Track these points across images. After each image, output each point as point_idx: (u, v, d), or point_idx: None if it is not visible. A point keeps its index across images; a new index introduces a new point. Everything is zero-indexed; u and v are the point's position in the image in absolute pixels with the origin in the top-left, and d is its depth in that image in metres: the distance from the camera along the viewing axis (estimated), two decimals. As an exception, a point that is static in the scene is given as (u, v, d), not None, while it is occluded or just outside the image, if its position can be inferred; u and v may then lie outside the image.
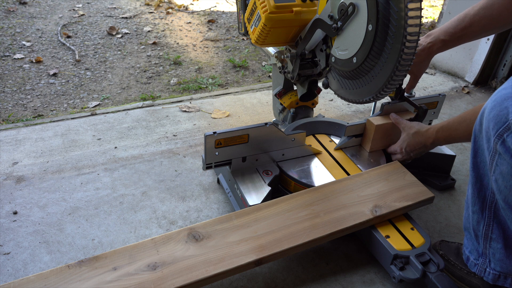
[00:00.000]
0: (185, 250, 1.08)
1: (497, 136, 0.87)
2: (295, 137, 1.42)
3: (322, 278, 1.21)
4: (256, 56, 2.93)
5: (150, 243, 1.10)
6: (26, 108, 2.20)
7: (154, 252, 1.08)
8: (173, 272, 1.02)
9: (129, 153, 1.73)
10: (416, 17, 1.03)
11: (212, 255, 1.07)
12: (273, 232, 1.14)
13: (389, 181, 1.31)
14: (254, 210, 1.21)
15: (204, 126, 1.94)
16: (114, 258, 1.06)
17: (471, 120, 1.08)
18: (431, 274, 1.10)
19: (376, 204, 1.23)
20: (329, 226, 1.16)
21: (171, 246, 1.09)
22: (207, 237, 1.12)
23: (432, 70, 2.66)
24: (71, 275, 1.01)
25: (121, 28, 3.23)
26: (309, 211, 1.21)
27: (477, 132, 0.97)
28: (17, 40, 2.92)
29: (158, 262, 1.05)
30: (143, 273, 1.02)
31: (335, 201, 1.24)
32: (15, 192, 1.48)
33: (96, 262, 1.04)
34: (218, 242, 1.11)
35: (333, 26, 1.24)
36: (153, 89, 2.44)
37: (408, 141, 1.35)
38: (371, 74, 1.19)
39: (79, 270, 1.03)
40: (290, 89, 1.68)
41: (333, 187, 1.30)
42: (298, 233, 1.14)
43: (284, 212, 1.20)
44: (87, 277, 1.01)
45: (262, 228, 1.15)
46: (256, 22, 1.42)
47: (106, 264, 1.04)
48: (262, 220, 1.17)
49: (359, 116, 2.10)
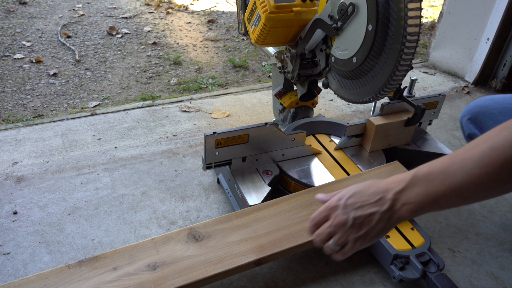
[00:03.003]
0: (185, 250, 1.08)
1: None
2: (295, 137, 1.42)
3: (322, 278, 1.21)
4: (256, 56, 2.93)
5: (150, 243, 1.10)
6: (26, 108, 2.20)
7: (154, 252, 1.08)
8: (173, 272, 1.02)
9: (129, 153, 1.73)
10: (416, 17, 1.03)
11: (212, 255, 1.07)
12: (273, 232, 1.14)
13: None
14: (254, 210, 1.20)
15: (204, 126, 1.94)
16: (114, 258, 1.06)
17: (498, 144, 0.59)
18: (431, 274, 1.10)
19: None
20: None
21: (171, 246, 1.09)
22: (207, 237, 1.12)
23: (432, 70, 2.66)
24: (71, 275, 1.01)
25: (121, 28, 3.23)
26: (309, 211, 1.20)
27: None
28: (17, 40, 2.92)
29: (158, 262, 1.05)
30: (143, 273, 1.02)
31: None
32: (15, 192, 1.48)
33: (96, 262, 1.04)
34: (218, 242, 1.11)
35: (333, 26, 1.24)
36: (153, 89, 2.44)
37: (355, 190, 0.76)
38: (371, 74, 1.19)
39: (79, 270, 1.03)
40: (290, 89, 1.68)
41: (333, 187, 1.30)
42: (298, 233, 1.13)
43: (284, 212, 1.20)
44: (87, 277, 1.01)
45: (262, 228, 1.15)
46: (256, 22, 1.43)
47: (106, 264, 1.04)
48: (262, 220, 1.17)
49: (359, 116, 2.09)
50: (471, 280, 1.23)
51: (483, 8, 2.30)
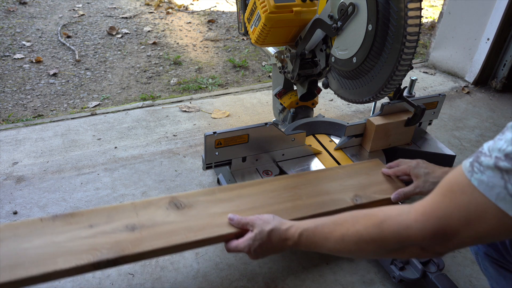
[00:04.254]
0: (166, 216, 1.07)
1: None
2: (295, 137, 1.42)
3: (322, 278, 1.21)
4: (256, 56, 2.93)
5: (130, 206, 1.08)
6: (26, 108, 2.20)
7: (133, 215, 1.06)
8: (152, 235, 1.01)
9: (129, 153, 1.73)
10: (416, 17, 1.03)
11: (193, 223, 1.06)
12: (256, 208, 1.13)
13: (370, 176, 1.32)
14: (238, 187, 1.21)
15: (204, 126, 1.94)
16: (91, 216, 1.04)
17: (348, 234, 0.81)
18: (431, 274, 1.10)
19: (356, 194, 1.24)
20: (310, 209, 1.16)
21: (152, 211, 1.08)
22: (189, 207, 1.11)
23: (432, 70, 2.66)
24: (44, 228, 0.99)
25: (121, 28, 3.23)
26: (292, 193, 1.21)
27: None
28: (17, 40, 2.93)
29: (137, 224, 1.03)
30: (121, 233, 1.00)
31: (318, 187, 1.25)
32: (15, 192, 1.48)
33: (72, 218, 1.02)
34: (200, 212, 1.10)
35: (333, 26, 1.24)
36: (153, 89, 2.44)
37: (261, 241, 0.97)
38: (371, 74, 1.19)
39: (53, 224, 1.00)
40: (290, 89, 1.68)
41: (317, 174, 1.32)
42: (279, 212, 1.12)
43: (267, 192, 1.20)
44: (60, 231, 0.99)
45: (245, 204, 1.14)
46: (256, 22, 1.43)
47: (82, 221, 1.02)
48: (246, 196, 1.17)
49: (359, 116, 2.10)
50: (471, 280, 1.23)
51: (483, 8, 2.30)
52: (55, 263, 0.90)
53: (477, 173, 0.59)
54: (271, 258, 1.26)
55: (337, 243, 0.83)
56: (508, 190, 0.55)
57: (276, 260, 1.26)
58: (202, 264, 1.24)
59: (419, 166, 1.18)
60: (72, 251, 0.94)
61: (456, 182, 0.63)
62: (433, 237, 0.66)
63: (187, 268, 1.22)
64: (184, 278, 1.19)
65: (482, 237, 0.63)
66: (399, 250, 0.74)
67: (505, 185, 0.55)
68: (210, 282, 1.18)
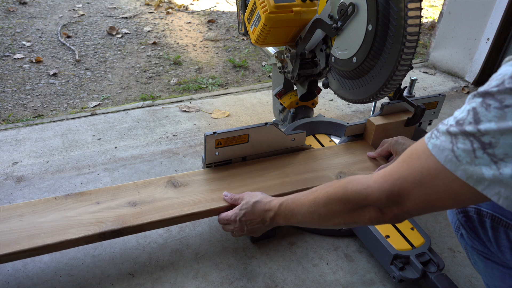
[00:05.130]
0: (164, 193, 1.22)
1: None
2: (295, 137, 1.42)
3: (322, 278, 1.21)
4: (256, 56, 2.93)
5: (132, 185, 1.24)
6: (26, 108, 2.20)
7: (135, 193, 1.21)
8: (151, 209, 1.15)
9: (129, 153, 1.73)
10: (416, 17, 1.03)
11: (188, 198, 1.20)
12: (246, 185, 1.26)
13: (355, 155, 1.43)
14: (229, 167, 1.34)
15: (204, 126, 1.94)
16: (98, 195, 1.19)
17: (319, 196, 0.87)
18: (431, 274, 1.10)
19: (341, 171, 1.35)
20: (296, 184, 1.28)
21: (152, 189, 1.23)
22: (185, 185, 1.25)
23: (432, 70, 2.66)
24: (58, 205, 1.15)
25: (121, 28, 3.23)
26: (280, 171, 1.33)
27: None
28: (17, 40, 2.93)
29: (138, 200, 1.18)
30: (124, 208, 1.15)
31: (304, 166, 1.37)
32: (15, 192, 1.48)
33: (81, 197, 1.18)
34: (195, 189, 1.24)
35: (333, 26, 1.24)
36: (153, 89, 2.44)
37: (246, 210, 1.09)
38: (371, 74, 1.19)
39: (65, 201, 1.16)
40: (290, 89, 1.68)
41: (304, 155, 1.42)
42: (268, 188, 1.25)
43: (257, 171, 1.33)
44: (71, 207, 1.14)
45: (236, 181, 1.28)
46: (256, 22, 1.43)
47: (90, 199, 1.18)
48: (237, 175, 1.31)
49: (359, 116, 2.10)
50: (471, 280, 1.23)
51: (483, 8, 2.30)
52: (66, 234, 1.06)
53: (433, 139, 0.63)
54: (271, 258, 1.26)
55: (310, 206, 0.90)
56: (454, 153, 0.59)
57: (276, 260, 1.26)
58: (202, 264, 1.24)
59: (398, 142, 1.31)
60: (81, 224, 1.09)
61: (416, 149, 0.67)
62: (388, 197, 0.71)
63: (187, 268, 1.22)
64: (184, 278, 1.19)
65: (433, 201, 0.66)
66: (360, 210, 0.79)
67: (452, 148, 0.60)
68: (210, 282, 1.18)
